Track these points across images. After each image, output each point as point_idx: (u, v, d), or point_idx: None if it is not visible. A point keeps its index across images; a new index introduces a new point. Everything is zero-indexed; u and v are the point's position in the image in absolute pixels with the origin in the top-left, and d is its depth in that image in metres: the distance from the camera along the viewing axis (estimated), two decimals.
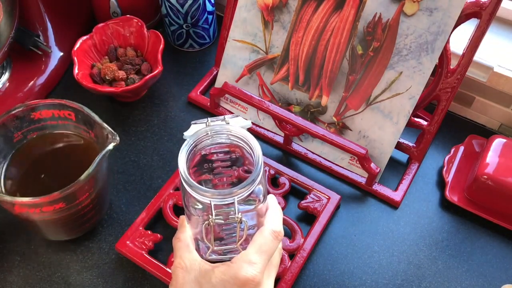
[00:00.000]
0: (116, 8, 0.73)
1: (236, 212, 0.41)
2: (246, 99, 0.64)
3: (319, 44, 0.61)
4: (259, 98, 0.64)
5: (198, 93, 0.71)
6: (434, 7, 0.55)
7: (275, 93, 0.66)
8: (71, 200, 0.51)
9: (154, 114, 0.70)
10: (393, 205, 0.62)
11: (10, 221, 0.60)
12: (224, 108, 0.70)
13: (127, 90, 0.65)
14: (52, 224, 0.54)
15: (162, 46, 0.68)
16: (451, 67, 0.58)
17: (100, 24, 0.70)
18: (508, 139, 0.60)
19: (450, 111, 0.70)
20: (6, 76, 0.70)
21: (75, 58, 0.67)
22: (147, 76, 0.65)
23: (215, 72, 0.73)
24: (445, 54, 0.57)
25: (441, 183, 0.63)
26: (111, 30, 0.71)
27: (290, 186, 0.61)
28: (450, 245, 0.59)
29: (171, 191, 0.60)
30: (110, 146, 0.51)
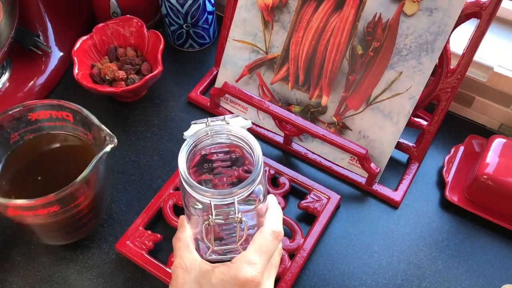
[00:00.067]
0: (116, 8, 0.73)
1: (236, 212, 0.41)
2: (246, 99, 0.64)
3: (319, 44, 0.61)
4: (259, 98, 0.64)
5: (198, 93, 0.71)
6: (434, 7, 0.55)
7: (275, 93, 0.66)
8: (66, 203, 0.49)
9: (154, 114, 0.70)
10: (393, 205, 0.62)
11: (10, 221, 0.60)
12: (224, 108, 0.70)
13: (127, 90, 0.65)
14: (47, 228, 0.53)
15: (162, 46, 0.68)
16: (451, 67, 0.58)
17: (100, 24, 0.70)
18: (508, 139, 0.60)
19: (450, 111, 0.70)
20: (6, 76, 0.70)
21: (75, 58, 0.67)
22: (147, 76, 0.65)
23: (215, 72, 0.73)
24: (445, 54, 0.57)
25: (441, 183, 0.63)
26: (111, 30, 0.71)
27: (290, 186, 0.61)
28: (450, 245, 0.59)
29: (171, 191, 0.60)
30: (108, 148, 0.50)
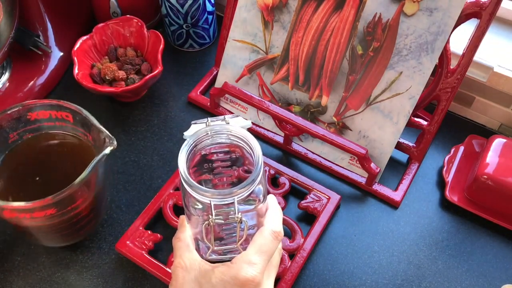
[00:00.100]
0: (116, 8, 0.73)
1: (236, 212, 0.41)
2: (246, 99, 0.64)
3: (319, 44, 0.61)
4: (259, 98, 0.64)
5: (198, 93, 0.71)
6: (434, 7, 0.55)
7: (275, 93, 0.66)
8: (64, 205, 0.49)
9: (154, 114, 0.70)
10: (393, 205, 0.62)
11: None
12: (224, 108, 0.70)
13: (127, 90, 0.65)
14: (44, 231, 0.52)
15: (162, 46, 0.68)
16: (451, 67, 0.58)
17: (100, 24, 0.70)
18: (508, 139, 0.60)
19: (450, 111, 0.70)
20: (6, 76, 0.70)
21: (75, 58, 0.67)
22: (147, 76, 0.65)
23: (215, 72, 0.73)
24: (445, 54, 0.57)
25: (441, 183, 0.63)
26: (111, 30, 0.71)
27: (290, 186, 0.61)
28: (450, 245, 0.59)
29: (171, 191, 0.60)
30: (107, 151, 0.49)
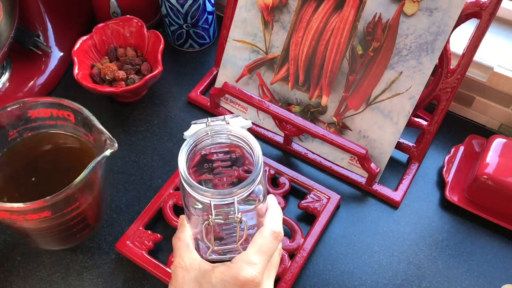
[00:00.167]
0: (116, 8, 0.73)
1: (236, 212, 0.41)
2: (246, 99, 0.64)
3: (319, 44, 0.61)
4: (259, 98, 0.64)
5: (198, 93, 0.71)
6: (434, 7, 0.55)
7: (275, 93, 0.66)
8: (59, 208, 0.47)
9: (154, 114, 0.70)
10: (393, 205, 0.62)
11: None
12: (224, 108, 0.70)
13: (127, 90, 0.65)
14: (40, 233, 0.51)
15: (162, 46, 0.68)
16: (451, 67, 0.58)
17: (100, 24, 0.70)
18: (508, 139, 0.60)
19: (450, 111, 0.70)
20: (6, 76, 0.70)
21: (75, 58, 0.67)
22: (147, 76, 0.65)
23: (215, 72, 0.73)
24: (445, 54, 0.57)
25: (441, 183, 0.63)
26: (111, 30, 0.71)
27: (290, 186, 0.61)
28: (450, 245, 0.59)
29: (171, 191, 0.60)
30: (107, 153, 0.47)
